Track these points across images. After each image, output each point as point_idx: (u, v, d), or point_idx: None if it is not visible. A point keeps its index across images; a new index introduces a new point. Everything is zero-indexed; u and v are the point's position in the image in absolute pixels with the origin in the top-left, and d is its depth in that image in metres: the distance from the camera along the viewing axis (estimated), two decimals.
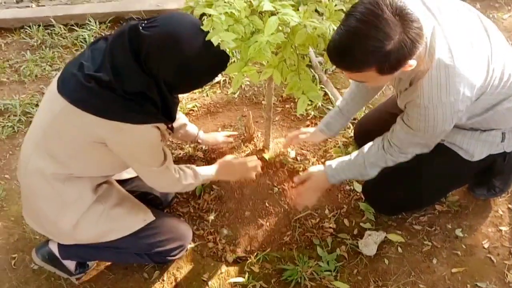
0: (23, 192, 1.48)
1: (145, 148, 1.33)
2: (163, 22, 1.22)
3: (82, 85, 1.22)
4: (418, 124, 1.31)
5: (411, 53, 1.10)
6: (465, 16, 1.32)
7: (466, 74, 1.21)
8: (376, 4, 1.06)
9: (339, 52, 1.12)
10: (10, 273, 1.70)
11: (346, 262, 1.62)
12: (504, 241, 1.65)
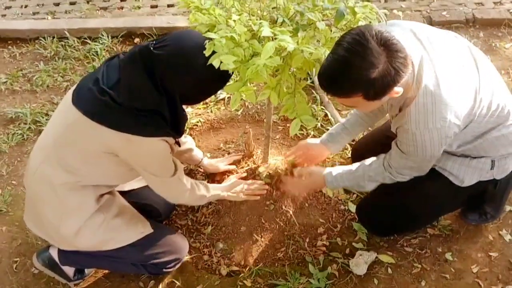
0: (28, 197, 1.55)
1: (154, 159, 1.40)
2: (173, 41, 1.30)
3: (97, 99, 1.29)
4: (408, 149, 1.37)
5: (395, 81, 1.16)
6: (455, 47, 1.38)
7: (452, 102, 1.27)
8: (362, 35, 1.13)
9: (327, 79, 1.18)
10: (11, 276, 1.76)
11: (337, 280, 1.65)
12: (493, 266, 1.68)
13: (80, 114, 1.32)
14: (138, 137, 1.30)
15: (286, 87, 1.38)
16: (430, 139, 1.30)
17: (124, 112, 1.29)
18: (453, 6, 3.14)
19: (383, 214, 1.71)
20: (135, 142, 1.31)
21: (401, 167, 1.47)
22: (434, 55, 1.29)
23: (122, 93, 1.28)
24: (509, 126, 1.45)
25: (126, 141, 1.31)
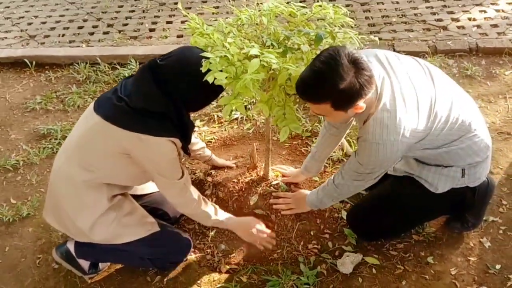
0: (50, 194, 1.76)
1: (162, 159, 1.58)
2: (176, 54, 1.54)
3: (114, 105, 1.54)
4: (363, 158, 1.55)
5: (360, 94, 1.35)
6: (412, 68, 1.55)
7: (406, 118, 1.44)
8: (336, 52, 1.33)
9: (303, 86, 1.38)
10: (33, 270, 1.98)
11: (325, 278, 1.80)
12: (470, 269, 1.79)
13: (99, 118, 1.56)
14: (147, 136, 1.51)
15: (277, 101, 1.60)
16: (383, 150, 1.47)
17: (136, 115, 1.51)
18: (458, 36, 3.32)
19: (370, 220, 1.88)
20: (145, 140, 1.52)
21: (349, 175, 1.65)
22: (393, 75, 1.48)
23: (134, 99, 1.52)
24: (471, 137, 1.60)
25: (137, 140, 1.53)
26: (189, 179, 1.73)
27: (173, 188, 1.69)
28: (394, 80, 1.47)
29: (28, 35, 3.87)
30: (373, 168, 1.56)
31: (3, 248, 2.10)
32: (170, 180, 1.65)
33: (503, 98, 2.73)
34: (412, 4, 3.81)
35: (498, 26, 3.37)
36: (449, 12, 3.64)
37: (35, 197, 2.35)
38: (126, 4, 4.28)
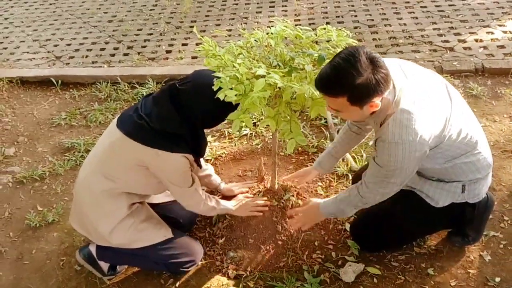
0: (75, 202, 1.92)
1: (176, 171, 1.74)
2: (193, 78, 1.70)
3: (135, 123, 1.70)
4: (382, 159, 1.59)
5: (376, 90, 1.43)
6: (433, 82, 1.65)
7: (424, 121, 1.51)
8: (356, 50, 1.43)
9: (323, 79, 1.46)
10: (57, 271, 2.13)
11: (327, 286, 1.89)
12: (470, 281, 1.86)
13: (121, 134, 1.72)
14: (164, 152, 1.67)
15: (283, 117, 1.72)
16: (403, 149, 1.52)
17: (155, 133, 1.67)
18: (464, 57, 3.42)
19: (373, 232, 1.97)
20: (162, 156, 1.68)
21: (373, 182, 1.69)
22: (414, 85, 1.57)
23: (154, 120, 1.67)
24: (476, 154, 1.69)
25: (155, 155, 1.68)
26: (198, 183, 1.88)
27: (185, 194, 1.86)
28: (414, 87, 1.55)
29: (54, 56, 4.12)
30: (394, 170, 1.59)
31: (30, 251, 2.25)
32: (183, 188, 1.81)
33: (508, 118, 2.80)
34: (419, 26, 3.94)
35: (505, 47, 3.46)
36: (456, 33, 3.75)
37: (59, 204, 2.51)
38: (145, 28, 4.51)
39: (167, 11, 4.84)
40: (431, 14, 4.17)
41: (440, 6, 4.30)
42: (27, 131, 3.21)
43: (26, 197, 2.62)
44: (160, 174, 1.76)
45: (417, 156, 1.56)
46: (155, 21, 4.62)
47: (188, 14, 4.70)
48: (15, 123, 3.32)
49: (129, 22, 4.65)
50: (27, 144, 3.09)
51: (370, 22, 4.15)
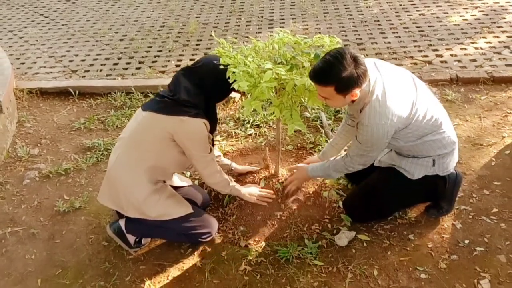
0: (107, 180, 2.21)
1: (197, 135, 2.06)
2: (203, 61, 2.10)
3: (158, 101, 2.07)
4: (362, 138, 1.99)
5: (357, 82, 1.82)
6: (401, 75, 2.05)
7: (393, 107, 1.90)
8: (342, 50, 1.82)
9: (316, 71, 1.84)
10: (87, 247, 2.43)
11: (324, 249, 2.23)
12: (444, 244, 2.21)
13: (147, 113, 2.08)
14: (187, 118, 2.01)
15: (286, 106, 2.10)
16: (376, 130, 1.92)
17: (177, 104, 2.03)
18: (440, 69, 3.86)
19: (362, 206, 2.32)
20: (185, 121, 2.01)
21: (355, 155, 2.09)
22: (385, 77, 1.96)
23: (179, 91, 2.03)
24: (441, 133, 2.08)
25: (179, 122, 2.02)
26: (215, 156, 2.23)
27: (203, 161, 2.16)
28: (385, 80, 1.94)
29: (70, 70, 4.49)
30: (371, 146, 2.00)
31: (60, 232, 2.56)
32: (202, 153, 2.13)
33: (477, 118, 3.21)
34: (402, 44, 4.40)
35: (476, 61, 3.92)
36: (434, 49, 4.22)
37: (85, 194, 2.82)
38: (154, 46, 4.92)
39: (174, 31, 5.27)
40: (413, 33, 4.64)
41: (421, 27, 4.78)
42: (49, 135, 3.54)
43: (53, 188, 2.93)
44: (184, 140, 2.07)
45: (388, 135, 1.97)
46: (164, 40, 5.04)
47: (194, 34, 5.13)
48: (37, 128, 3.65)
49: (139, 40, 5.06)
50: (49, 145, 3.41)
51: (358, 40, 4.60)
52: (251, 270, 2.17)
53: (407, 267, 2.11)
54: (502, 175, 2.63)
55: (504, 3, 5.22)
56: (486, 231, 2.27)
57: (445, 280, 2.03)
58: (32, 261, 2.38)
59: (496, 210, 2.39)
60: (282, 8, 5.78)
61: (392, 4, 5.51)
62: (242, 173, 2.67)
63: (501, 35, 4.39)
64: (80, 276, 2.26)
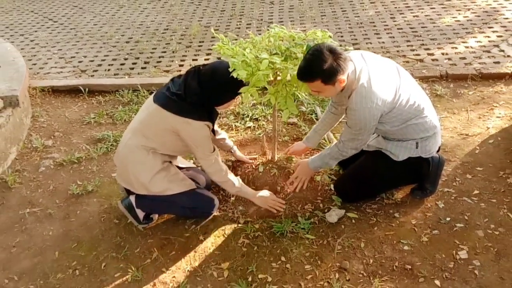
0: (119, 161, 2.44)
1: (201, 136, 2.28)
2: (212, 65, 2.28)
3: (169, 97, 2.26)
4: (351, 122, 2.20)
5: (339, 70, 2.02)
6: (386, 65, 2.26)
7: (378, 92, 2.10)
8: (319, 46, 2.04)
9: (300, 71, 2.06)
10: (100, 224, 2.64)
11: (316, 225, 2.43)
12: (426, 221, 2.40)
13: (157, 106, 2.29)
14: (193, 120, 2.23)
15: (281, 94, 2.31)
16: (363, 114, 2.12)
17: (185, 105, 2.23)
18: (431, 66, 4.07)
19: (351, 187, 2.52)
20: (190, 123, 2.24)
21: (347, 139, 2.29)
22: (370, 66, 2.17)
23: (182, 91, 2.24)
24: (423, 117, 2.28)
25: (184, 123, 2.24)
26: (219, 154, 2.42)
27: (208, 159, 2.37)
28: (370, 68, 2.15)
29: (80, 70, 4.73)
30: (360, 129, 2.19)
31: (75, 212, 2.77)
32: (205, 153, 2.34)
33: (464, 111, 3.41)
34: (396, 44, 4.62)
35: (466, 58, 4.13)
36: (426, 48, 4.43)
37: (96, 179, 3.03)
38: (158, 47, 5.17)
39: (177, 34, 5.52)
40: (406, 34, 4.86)
41: (414, 28, 5.00)
42: (61, 128, 3.76)
43: (67, 175, 3.14)
44: (188, 138, 2.30)
45: (374, 118, 2.16)
46: (167, 42, 5.29)
47: (197, 36, 5.38)
48: (50, 122, 3.87)
49: (144, 42, 5.31)
50: (62, 137, 3.63)
51: (354, 41, 4.82)
52: (248, 243, 2.37)
53: (391, 240, 2.30)
54: (485, 161, 2.83)
55: (496, 5, 5.43)
56: (467, 210, 2.46)
57: (426, 252, 2.22)
58: (49, 236, 2.59)
59: (477, 192, 2.58)
60: (281, 11, 6.02)
61: (387, 7, 5.74)
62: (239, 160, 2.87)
63: (491, 35, 4.60)
64: (94, 248, 2.46)
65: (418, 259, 2.18)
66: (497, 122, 3.22)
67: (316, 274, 2.16)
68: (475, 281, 2.06)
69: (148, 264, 2.32)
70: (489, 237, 2.28)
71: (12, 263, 2.43)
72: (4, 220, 2.75)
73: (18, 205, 2.87)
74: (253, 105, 3.73)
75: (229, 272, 2.23)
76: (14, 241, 2.57)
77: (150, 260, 2.34)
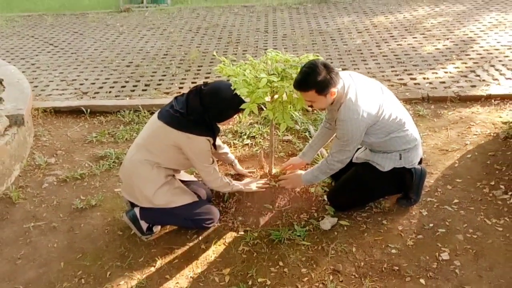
0: (125, 176, 2.61)
1: (201, 150, 2.48)
2: (212, 85, 2.50)
3: (172, 115, 2.46)
4: (340, 132, 2.42)
5: (331, 83, 2.27)
6: (371, 84, 2.51)
7: (363, 106, 2.34)
8: (314, 61, 2.29)
9: (297, 81, 2.30)
10: (104, 235, 2.78)
11: (311, 232, 2.61)
12: (412, 227, 2.61)
13: (161, 123, 2.48)
14: (194, 136, 2.44)
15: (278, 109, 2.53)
16: (351, 125, 2.35)
17: (187, 121, 2.44)
18: (414, 90, 4.36)
19: (343, 198, 2.73)
20: (191, 138, 2.44)
21: (335, 151, 2.50)
22: (358, 83, 2.42)
23: (185, 109, 2.45)
24: (405, 131, 2.52)
25: (186, 138, 2.44)
26: (216, 164, 2.62)
27: (206, 171, 2.58)
28: (357, 86, 2.40)
29: (81, 92, 4.92)
30: (347, 140, 2.41)
31: (79, 225, 2.90)
32: (205, 164, 2.54)
33: (444, 129, 3.67)
34: (381, 69, 4.93)
35: (445, 82, 4.44)
36: (408, 74, 4.75)
37: (100, 194, 3.19)
38: (158, 71, 5.40)
39: (176, 58, 5.78)
40: (391, 61, 5.18)
41: (398, 55, 5.33)
42: (63, 147, 3.92)
43: (70, 191, 3.29)
44: (189, 152, 2.50)
45: (360, 129, 2.39)
46: (167, 66, 5.53)
47: (195, 61, 5.64)
48: (52, 141, 4.03)
49: (145, 66, 5.55)
50: (65, 155, 3.79)
51: (343, 66, 5.12)
52: (248, 250, 2.54)
53: (380, 244, 2.50)
54: (464, 174, 3.06)
55: (472, 34, 5.82)
56: (448, 217, 2.67)
57: (412, 254, 2.42)
58: (54, 248, 2.72)
59: (457, 200, 2.81)
60: (275, 39, 6.34)
61: (373, 36, 6.10)
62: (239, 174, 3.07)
63: (468, 61, 4.94)
64: (98, 258, 2.60)
65: (404, 261, 2.38)
66: (474, 139, 3.48)
67: (311, 277, 2.33)
68: (456, 279, 2.25)
69: (152, 272, 2.47)
70: (468, 240, 2.48)
71: (17, 274, 2.54)
72: (9, 233, 2.87)
73: (22, 219, 3.00)
74: (250, 124, 3.95)
75: (230, 277, 2.39)
76: (19, 253, 2.69)
77: (154, 268, 2.49)
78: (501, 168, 3.10)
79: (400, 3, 7.81)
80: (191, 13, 8.26)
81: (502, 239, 2.49)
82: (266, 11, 8.01)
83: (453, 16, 6.77)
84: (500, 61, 4.90)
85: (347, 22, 6.89)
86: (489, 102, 4.08)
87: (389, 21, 6.80)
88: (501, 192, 2.86)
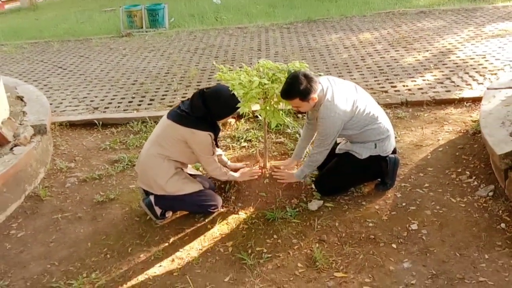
0: (141, 166, 3.05)
1: (203, 143, 2.93)
2: (214, 88, 2.98)
3: (179, 114, 2.93)
4: (320, 129, 2.88)
5: (312, 91, 2.73)
6: (347, 85, 2.98)
7: (339, 105, 2.81)
8: (296, 73, 2.77)
9: (283, 92, 2.77)
10: (123, 221, 3.21)
11: (300, 213, 3.05)
12: (387, 205, 3.04)
13: (170, 121, 2.95)
14: (198, 131, 2.89)
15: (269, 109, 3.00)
16: (329, 121, 2.81)
17: (192, 119, 2.90)
18: (394, 96, 4.85)
19: (328, 183, 3.17)
20: (195, 133, 2.89)
21: (316, 145, 2.97)
22: (334, 86, 2.88)
23: (190, 109, 2.91)
24: (378, 123, 2.98)
25: (191, 133, 2.90)
26: (216, 156, 3.08)
27: (208, 160, 3.03)
28: (334, 88, 2.87)
29: (92, 108, 5.41)
30: (326, 135, 2.87)
31: (101, 214, 3.34)
32: (207, 155, 3.00)
33: (420, 128, 4.14)
34: (365, 79, 5.44)
35: (423, 88, 4.94)
36: (390, 82, 5.25)
37: (117, 189, 3.63)
38: (161, 87, 5.90)
39: (177, 76, 6.30)
40: (374, 72, 5.69)
41: (381, 67, 5.84)
42: (81, 154, 4.37)
43: (90, 188, 3.73)
44: (194, 145, 2.95)
45: (337, 125, 2.85)
46: (169, 83, 6.04)
47: (195, 78, 6.15)
48: (70, 150, 4.48)
49: (149, 84, 6.06)
50: (83, 161, 4.24)
51: None
52: (247, 227, 2.97)
53: (359, 220, 2.93)
54: (435, 163, 3.51)
55: (450, 46, 6.36)
56: (419, 197, 3.11)
57: (386, 226, 2.85)
58: (81, 233, 3.15)
59: (427, 185, 3.25)
60: (267, 56, 6.87)
61: (358, 51, 6.64)
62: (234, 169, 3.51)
63: (444, 70, 5.45)
64: (120, 239, 3.03)
65: (379, 231, 2.81)
66: (446, 136, 3.94)
67: (301, 245, 2.76)
68: (422, 243, 2.68)
69: (167, 246, 2.90)
70: (435, 215, 2.92)
71: (51, 253, 2.97)
72: (40, 224, 3.30)
73: (50, 212, 3.44)
74: (247, 130, 4.42)
75: (232, 248, 2.81)
76: (51, 238, 3.12)
77: (168, 244, 2.92)
78: (468, 158, 3.55)
79: (385, 20, 8.40)
80: (188, 35, 8.83)
81: (464, 213, 2.92)
82: (259, 31, 8.59)
83: (433, 30, 7.34)
84: (474, 69, 5.41)
85: (335, 39, 7.45)
86: (462, 104, 4.56)
87: (373, 36, 7.36)
88: (466, 177, 3.30)
